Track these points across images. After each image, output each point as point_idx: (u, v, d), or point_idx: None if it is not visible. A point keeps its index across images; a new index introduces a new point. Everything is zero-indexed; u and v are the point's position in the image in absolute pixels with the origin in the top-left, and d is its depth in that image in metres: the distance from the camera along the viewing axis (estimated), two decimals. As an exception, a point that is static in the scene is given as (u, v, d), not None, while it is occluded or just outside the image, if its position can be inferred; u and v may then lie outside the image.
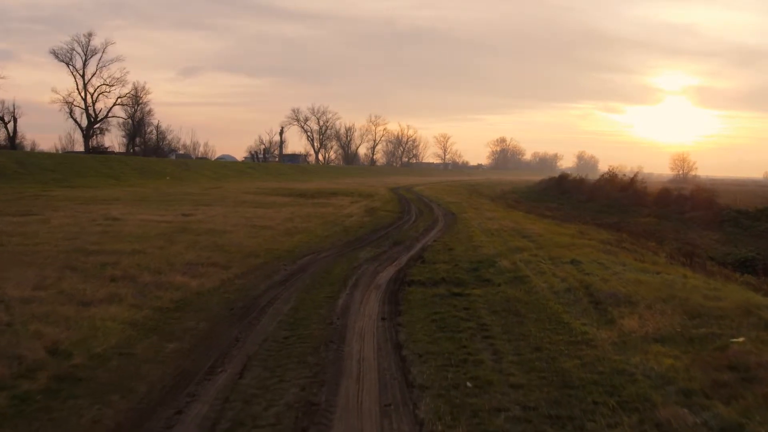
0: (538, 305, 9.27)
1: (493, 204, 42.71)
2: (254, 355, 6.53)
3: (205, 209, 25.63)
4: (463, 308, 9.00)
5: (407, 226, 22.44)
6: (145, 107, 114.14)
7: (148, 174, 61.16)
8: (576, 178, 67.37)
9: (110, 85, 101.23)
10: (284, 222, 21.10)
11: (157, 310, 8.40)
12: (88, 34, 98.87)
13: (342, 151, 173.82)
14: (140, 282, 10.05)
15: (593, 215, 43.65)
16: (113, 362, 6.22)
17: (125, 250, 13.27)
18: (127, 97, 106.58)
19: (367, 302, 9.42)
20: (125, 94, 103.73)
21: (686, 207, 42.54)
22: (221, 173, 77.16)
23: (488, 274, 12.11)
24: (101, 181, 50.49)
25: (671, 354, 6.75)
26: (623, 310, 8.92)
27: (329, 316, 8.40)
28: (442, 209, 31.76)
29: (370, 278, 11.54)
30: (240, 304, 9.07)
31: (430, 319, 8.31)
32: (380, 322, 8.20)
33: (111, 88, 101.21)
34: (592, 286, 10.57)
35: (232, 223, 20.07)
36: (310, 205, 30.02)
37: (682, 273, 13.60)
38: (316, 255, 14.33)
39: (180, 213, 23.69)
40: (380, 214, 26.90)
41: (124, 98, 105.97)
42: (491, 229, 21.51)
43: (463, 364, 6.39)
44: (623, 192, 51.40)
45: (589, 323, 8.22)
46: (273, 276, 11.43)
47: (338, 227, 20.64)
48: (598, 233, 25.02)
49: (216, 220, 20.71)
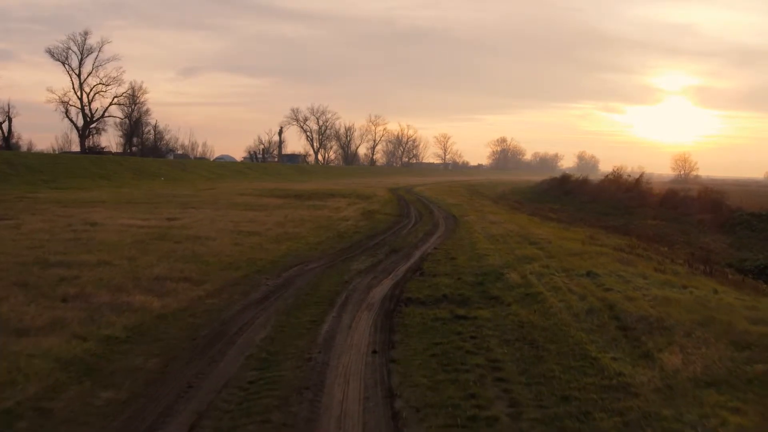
0: (558, 332, 7.87)
1: (496, 206, 41.33)
2: (206, 411, 5.12)
3: (192, 212, 24.24)
4: (470, 336, 7.61)
5: (406, 231, 21.04)
6: (142, 107, 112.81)
7: (143, 175, 59.80)
8: (579, 178, 65.90)
9: (106, 84, 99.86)
10: (274, 227, 19.70)
11: (103, 341, 7.02)
12: (84, 32, 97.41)
13: (342, 152, 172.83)
14: (95, 303, 8.67)
15: (598, 217, 42.35)
16: (21, 424, 4.84)
17: (90, 261, 11.88)
18: (124, 96, 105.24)
19: (356, 328, 8.04)
20: (121, 93, 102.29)
21: (694, 209, 41.15)
22: (218, 173, 75.83)
23: (496, 289, 10.71)
24: (93, 182, 49.14)
25: (733, 406, 5.38)
26: (659, 339, 7.53)
27: (309, 349, 7.01)
28: (442, 212, 30.38)
29: (362, 295, 10.15)
30: (205, 331, 7.68)
31: (430, 353, 6.92)
32: (370, 357, 6.81)
33: (107, 87, 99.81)
34: (617, 306, 9.18)
35: (217, 228, 18.67)
36: (304, 208, 28.63)
37: (711, 287, 12.20)
38: (305, 266, 12.94)
39: (165, 217, 22.31)
40: (378, 217, 25.50)
41: (121, 98, 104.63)
42: (495, 234, 20.11)
43: (472, 423, 4.99)
44: (628, 193, 50.00)
45: (621, 358, 6.83)
46: (251, 293, 10.03)
47: (332, 232, 19.24)
48: (607, 238, 23.65)
49: (201, 225, 19.32)
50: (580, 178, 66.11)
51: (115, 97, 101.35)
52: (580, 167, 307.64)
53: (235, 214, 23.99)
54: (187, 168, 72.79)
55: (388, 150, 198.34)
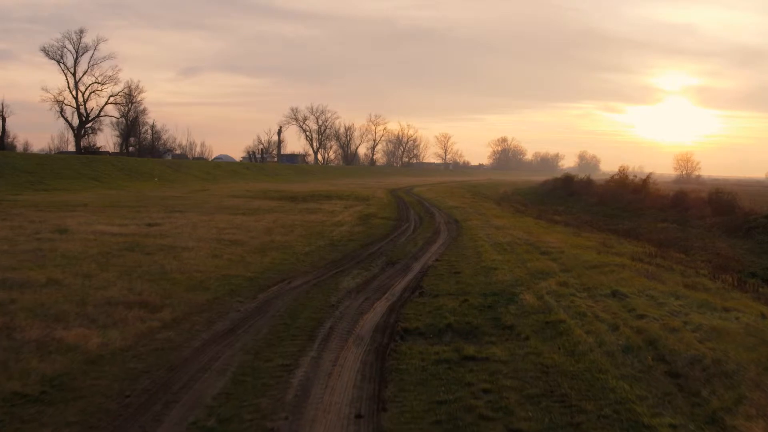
0: (593, 382, 6.22)
1: (499, 208, 39.66)
2: None
3: (177, 217, 22.59)
4: (482, 390, 5.97)
5: (404, 238, 19.37)
6: (139, 106, 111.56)
7: (135, 175, 58.20)
8: (584, 179, 64.21)
9: (102, 83, 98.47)
10: (261, 234, 18.04)
11: (4, 402, 5.38)
12: (80, 30, 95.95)
13: (341, 151, 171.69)
14: (18, 340, 7.03)
15: (606, 220, 40.77)
16: None
17: (38, 281, 10.22)
18: (120, 95, 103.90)
19: (338, 375, 6.40)
20: (117, 92, 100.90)
21: (705, 211, 39.45)
22: (213, 174, 74.23)
23: (509, 315, 9.06)
24: (82, 183, 47.52)
25: None
26: (723, 393, 5.90)
27: (273, 412, 5.37)
28: (444, 215, 28.73)
29: (350, 324, 8.51)
30: (145, 382, 6.02)
31: (433, 419, 5.27)
32: (353, 426, 5.19)
33: (103, 86, 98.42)
34: (659, 341, 7.52)
35: (198, 236, 17.01)
36: (297, 212, 26.96)
37: (757, 310, 10.54)
38: (288, 283, 11.29)
39: (146, 222, 20.65)
40: (375, 222, 23.85)
41: (117, 97, 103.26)
42: (502, 242, 18.44)
43: None
44: (635, 195, 48.31)
45: (683, 425, 5.18)
46: (217, 323, 8.37)
47: (324, 240, 17.57)
48: (621, 244, 22.04)
49: (181, 233, 17.66)
50: (585, 178, 64.43)
51: (110, 96, 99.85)
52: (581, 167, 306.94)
53: (222, 219, 22.34)
54: (182, 168, 71.17)
55: (389, 150, 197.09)
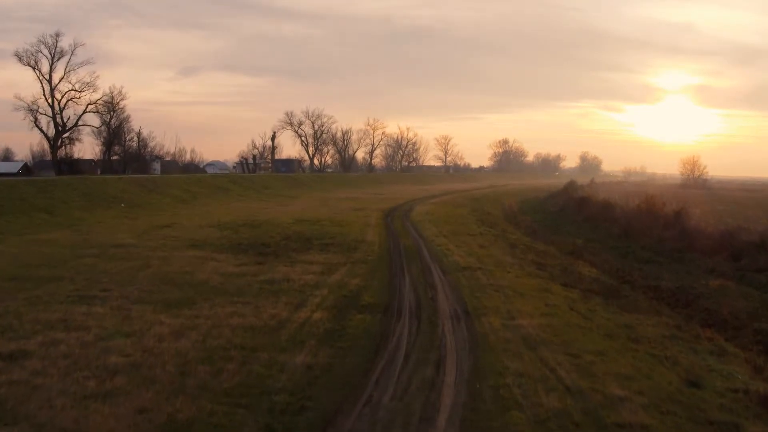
0: None
1: (513, 257, 32.98)
2: None
3: (58, 334, 16.00)
4: None
5: (393, 379, 12.51)
6: (122, 113, 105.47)
7: (98, 201, 51.62)
8: (602, 202, 57.64)
9: (80, 90, 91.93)
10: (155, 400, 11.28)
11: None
12: (56, 34, 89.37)
13: (338, 156, 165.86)
14: None
15: (641, 267, 34.16)
16: None
17: None
18: (100, 103, 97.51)
19: None
20: (96, 100, 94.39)
21: (762, 260, 32.68)
22: (193, 193, 67.73)
23: None
24: (25, 220, 40.86)
25: None
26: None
27: None
28: (448, 286, 21.86)
29: None
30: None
31: None
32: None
33: (81, 93, 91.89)
34: None
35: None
36: (252, 294, 20.16)
37: None
38: None
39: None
40: (353, 323, 17.03)
41: (96, 104, 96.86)
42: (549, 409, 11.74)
43: None
44: (668, 230, 41.67)
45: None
46: None
47: (255, 415, 10.91)
48: (723, 362, 15.71)
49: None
50: (603, 201, 57.88)
51: (89, 104, 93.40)
52: (582, 168, 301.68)
53: (134, 328, 15.61)
54: (158, 187, 64.68)
55: (387, 154, 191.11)
